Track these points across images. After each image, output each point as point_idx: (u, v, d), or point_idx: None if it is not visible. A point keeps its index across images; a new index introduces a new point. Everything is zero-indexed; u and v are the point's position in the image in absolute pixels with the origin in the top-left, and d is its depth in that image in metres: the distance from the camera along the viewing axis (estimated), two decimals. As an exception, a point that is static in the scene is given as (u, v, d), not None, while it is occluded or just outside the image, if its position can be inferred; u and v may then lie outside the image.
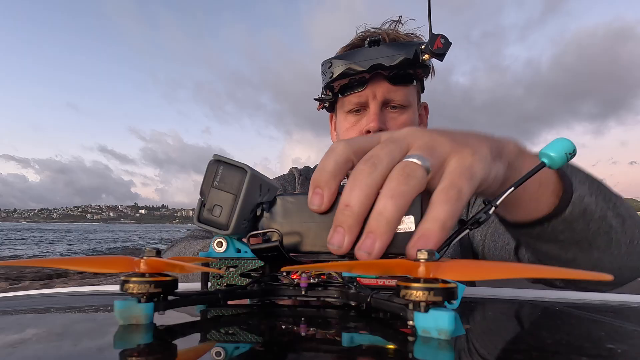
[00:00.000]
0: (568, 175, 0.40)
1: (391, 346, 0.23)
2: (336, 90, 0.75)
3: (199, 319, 0.31)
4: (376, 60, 0.66)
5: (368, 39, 0.68)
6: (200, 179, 0.33)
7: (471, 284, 0.75)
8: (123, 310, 0.25)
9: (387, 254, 0.30)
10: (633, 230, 0.45)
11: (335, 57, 0.71)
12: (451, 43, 0.60)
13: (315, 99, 0.81)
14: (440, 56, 0.61)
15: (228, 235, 0.33)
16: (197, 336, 0.26)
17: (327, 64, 0.72)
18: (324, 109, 0.84)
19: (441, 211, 0.26)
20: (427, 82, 0.79)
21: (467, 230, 0.30)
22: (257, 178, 0.33)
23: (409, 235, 0.29)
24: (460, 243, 0.77)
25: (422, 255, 0.22)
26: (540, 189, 0.38)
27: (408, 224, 0.30)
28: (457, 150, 0.28)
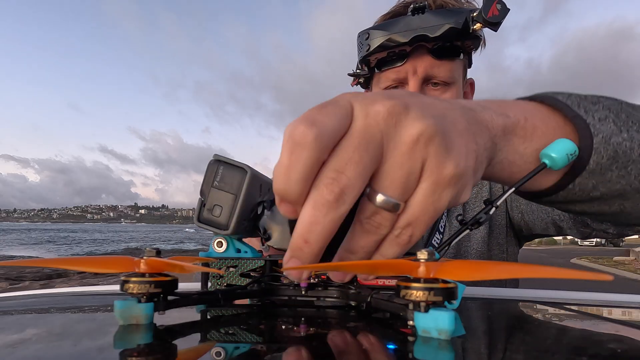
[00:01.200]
0: (582, 117, 0.31)
1: (391, 346, 0.23)
2: (372, 65, 0.67)
3: (199, 319, 0.31)
4: (419, 30, 0.58)
5: (412, 6, 0.60)
6: (200, 179, 0.33)
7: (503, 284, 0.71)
8: (123, 310, 0.25)
9: None
10: None
11: (374, 27, 0.63)
12: (509, 9, 0.51)
13: (350, 74, 0.73)
14: (495, 25, 0.53)
15: (228, 235, 0.33)
16: (197, 336, 0.26)
17: (364, 35, 0.63)
18: (358, 85, 0.75)
19: (391, 252, 0.24)
20: (476, 56, 0.70)
21: (467, 231, 0.30)
22: (257, 178, 0.33)
23: None
24: (489, 222, 0.71)
25: (422, 255, 0.22)
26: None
27: None
28: (432, 169, 0.23)
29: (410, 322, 0.22)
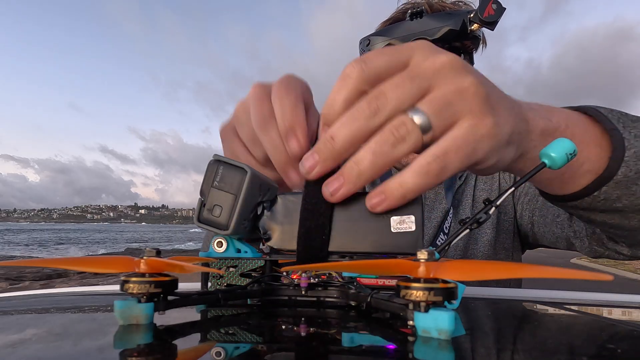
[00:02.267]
0: (619, 130, 0.33)
1: (391, 346, 0.23)
2: None
3: (199, 319, 0.31)
4: (418, 34, 0.59)
5: (409, 11, 0.61)
6: (200, 179, 0.33)
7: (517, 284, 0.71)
8: (123, 310, 0.25)
9: (389, 253, 0.30)
10: None
11: (374, 34, 0.65)
12: (505, 9, 0.52)
13: None
14: (492, 24, 0.53)
15: (228, 236, 0.33)
16: (197, 336, 0.26)
17: (365, 42, 0.65)
18: None
19: (412, 181, 0.24)
20: (477, 55, 0.71)
21: (467, 231, 0.30)
22: (257, 178, 0.33)
23: (409, 234, 0.29)
24: (496, 227, 0.71)
25: (422, 255, 0.22)
26: (580, 153, 0.30)
27: (409, 223, 0.30)
28: (475, 114, 0.25)
29: (410, 322, 0.22)
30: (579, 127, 0.33)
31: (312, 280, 0.34)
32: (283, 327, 0.28)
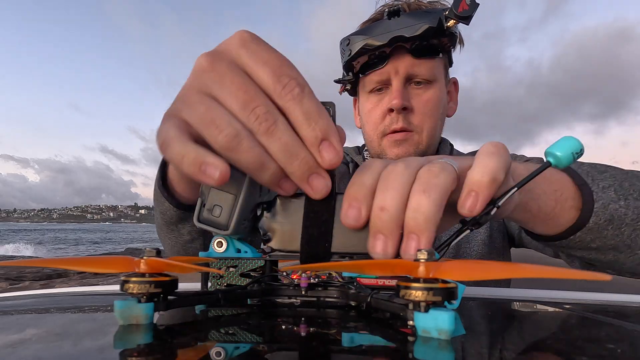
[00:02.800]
0: (588, 184, 0.38)
1: (391, 346, 0.23)
2: (356, 70, 0.70)
3: (199, 319, 0.31)
4: (396, 32, 0.61)
5: (387, 10, 0.64)
6: None
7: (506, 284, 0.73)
8: (123, 310, 0.25)
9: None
10: None
11: (353, 34, 0.66)
12: (478, 4, 0.54)
13: (335, 81, 0.75)
14: (466, 19, 0.56)
15: (228, 236, 0.33)
16: (196, 336, 0.26)
17: (345, 42, 0.67)
18: (347, 92, 0.79)
19: (488, 162, 0.25)
20: (456, 55, 0.74)
21: (468, 231, 0.30)
22: None
23: None
24: (490, 227, 0.72)
25: (422, 255, 0.22)
26: (558, 206, 0.36)
27: None
28: (477, 158, 0.27)
29: (410, 322, 0.22)
30: (558, 184, 0.37)
31: (312, 281, 0.34)
32: (283, 327, 0.28)
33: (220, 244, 0.35)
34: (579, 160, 0.34)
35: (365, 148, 0.80)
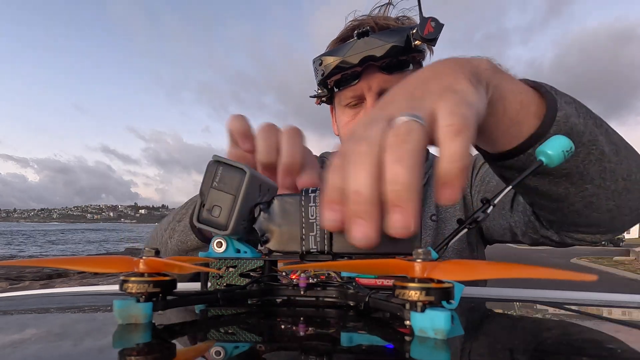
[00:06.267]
0: (553, 94, 0.38)
1: (388, 346, 0.23)
2: (330, 86, 0.73)
3: (197, 318, 0.31)
4: (366, 52, 0.63)
5: (356, 31, 0.65)
6: (200, 178, 0.33)
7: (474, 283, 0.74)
8: (122, 309, 0.25)
9: (387, 253, 0.30)
10: (629, 161, 0.41)
11: (325, 54, 0.69)
12: (443, 25, 0.57)
13: (311, 97, 0.79)
14: (432, 41, 0.58)
15: (227, 236, 0.33)
16: (195, 336, 0.26)
17: (318, 62, 0.70)
18: (323, 103, 0.81)
19: (453, 146, 0.24)
20: (427, 62, 0.76)
21: (465, 230, 0.30)
22: (256, 178, 0.33)
23: None
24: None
25: (418, 255, 0.22)
26: (522, 111, 0.35)
27: None
28: (440, 97, 0.27)
29: (407, 322, 0.22)
30: (523, 86, 0.37)
31: (311, 281, 0.34)
32: (282, 327, 0.28)
33: (219, 244, 0.35)
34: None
35: None
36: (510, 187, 0.30)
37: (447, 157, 0.24)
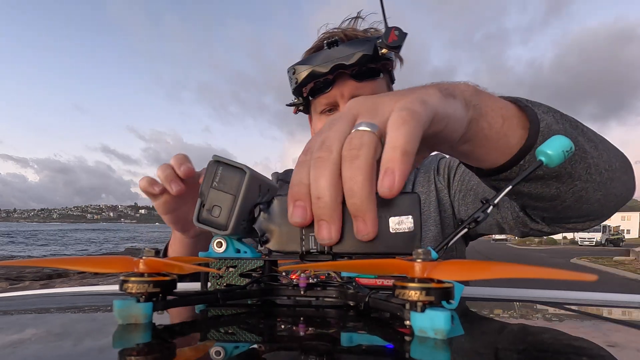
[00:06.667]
0: (531, 107, 0.40)
1: (389, 346, 0.23)
2: (305, 95, 0.77)
3: (198, 318, 0.31)
4: (336, 60, 0.68)
5: (326, 41, 0.70)
6: (200, 178, 0.33)
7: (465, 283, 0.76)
8: (122, 309, 0.25)
9: (387, 253, 0.30)
10: (608, 153, 0.45)
11: (297, 63, 0.73)
12: (406, 34, 0.61)
13: (288, 105, 0.83)
14: (396, 48, 0.62)
15: (227, 236, 0.33)
16: (195, 336, 0.26)
17: (291, 71, 0.74)
18: (301, 112, 0.86)
19: (398, 135, 0.25)
20: (397, 72, 0.80)
21: (465, 230, 0.30)
22: (256, 179, 0.33)
23: (408, 235, 0.29)
24: (440, 223, 0.78)
25: (418, 255, 0.22)
26: (506, 124, 0.37)
27: (407, 223, 0.30)
28: (399, 99, 0.29)
29: (407, 322, 0.22)
30: (503, 102, 0.39)
31: (311, 281, 0.34)
32: (282, 327, 0.28)
33: (219, 244, 0.35)
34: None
35: None
36: (511, 187, 0.30)
37: (389, 143, 0.26)
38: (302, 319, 0.30)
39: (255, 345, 0.23)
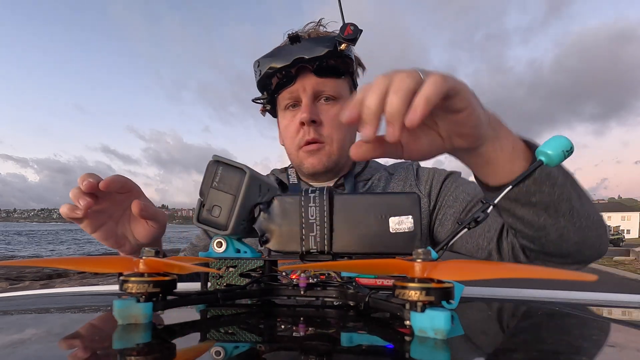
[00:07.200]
0: (533, 143, 0.46)
1: (389, 346, 0.23)
2: (272, 89, 0.80)
3: (198, 318, 0.31)
4: (297, 54, 0.72)
5: (288, 37, 0.74)
6: (200, 178, 0.33)
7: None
8: (122, 309, 0.25)
9: (387, 253, 0.30)
10: (589, 205, 0.52)
11: (261, 57, 0.77)
12: (361, 30, 0.68)
13: (253, 101, 0.86)
14: (352, 41, 0.68)
15: (227, 236, 0.33)
16: (195, 336, 0.26)
17: (256, 64, 0.77)
18: (269, 114, 0.88)
19: (427, 89, 0.34)
20: (360, 80, 0.84)
21: (465, 230, 0.30)
22: (256, 179, 0.33)
23: (408, 235, 0.29)
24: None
25: (418, 255, 0.22)
26: (514, 152, 0.44)
27: (407, 223, 0.30)
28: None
29: (407, 322, 0.22)
30: (514, 135, 0.45)
31: (311, 281, 0.34)
32: (282, 327, 0.28)
33: (219, 244, 0.35)
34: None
35: (290, 165, 0.89)
36: (511, 187, 0.30)
37: (420, 95, 0.33)
38: (302, 319, 0.30)
39: (255, 345, 0.23)
